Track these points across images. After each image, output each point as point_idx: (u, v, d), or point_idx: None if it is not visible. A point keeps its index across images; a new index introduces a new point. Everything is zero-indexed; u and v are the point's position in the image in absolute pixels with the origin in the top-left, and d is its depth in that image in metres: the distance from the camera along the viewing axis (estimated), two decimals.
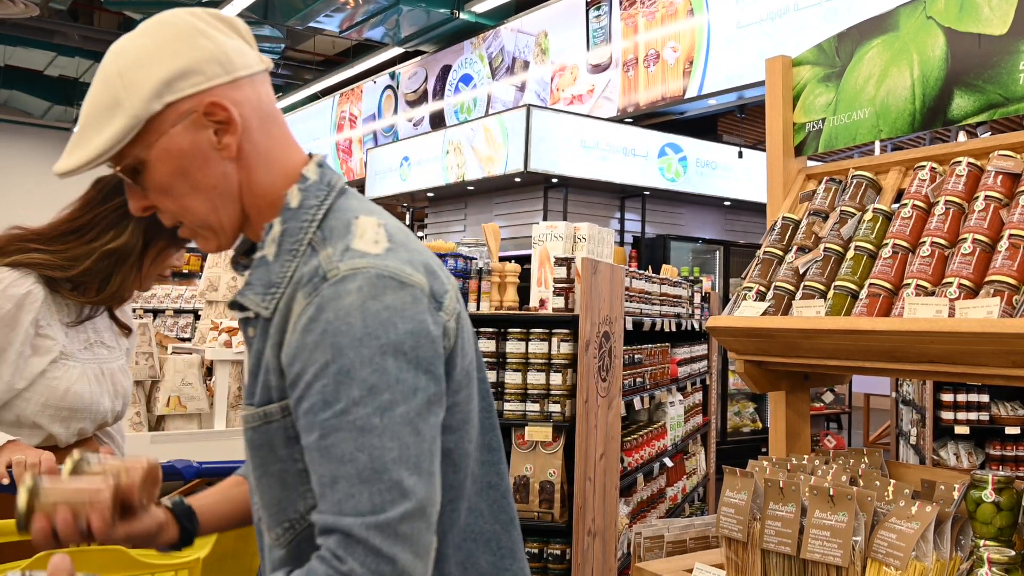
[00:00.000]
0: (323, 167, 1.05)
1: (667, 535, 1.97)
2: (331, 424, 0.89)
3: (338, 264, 0.94)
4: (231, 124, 0.98)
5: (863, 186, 1.81)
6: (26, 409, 1.80)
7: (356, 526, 0.87)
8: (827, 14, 5.78)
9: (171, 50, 0.97)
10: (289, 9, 8.60)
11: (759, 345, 1.76)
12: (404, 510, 0.88)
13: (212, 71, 0.98)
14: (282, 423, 0.97)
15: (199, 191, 1.00)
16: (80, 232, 1.81)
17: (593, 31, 7.82)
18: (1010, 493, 1.37)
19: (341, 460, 0.88)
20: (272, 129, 1.03)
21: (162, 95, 0.96)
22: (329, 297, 0.92)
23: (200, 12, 1.01)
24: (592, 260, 3.11)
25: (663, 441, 4.06)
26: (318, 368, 0.90)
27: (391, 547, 0.87)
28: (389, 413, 0.90)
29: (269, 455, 0.99)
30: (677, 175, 7.60)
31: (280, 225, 1.00)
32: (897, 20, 1.83)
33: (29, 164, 14.41)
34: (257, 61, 1.03)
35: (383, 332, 0.91)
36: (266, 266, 1.00)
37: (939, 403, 5.10)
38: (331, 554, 0.87)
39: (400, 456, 0.89)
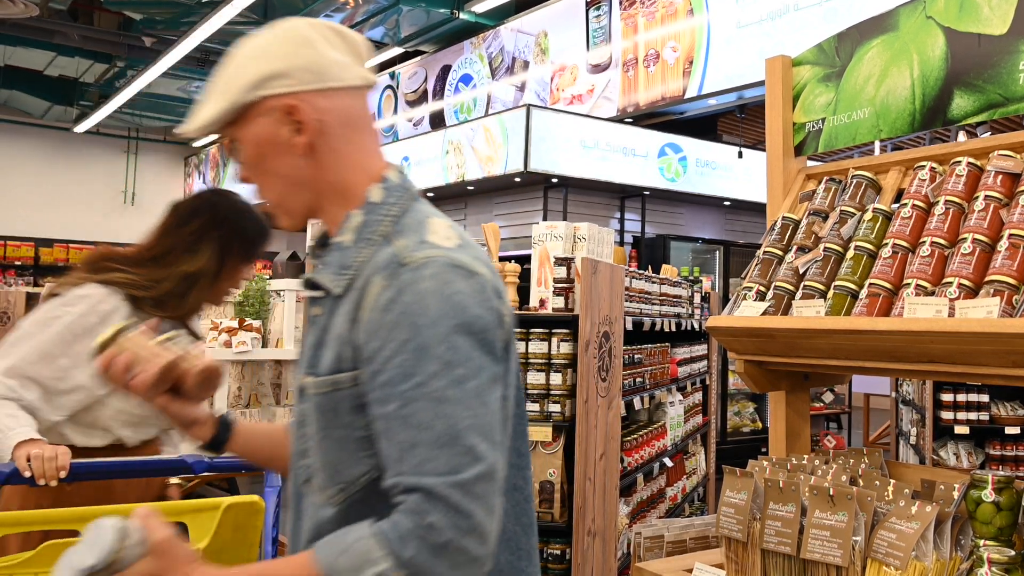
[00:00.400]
0: (403, 175, 1.18)
1: (667, 535, 1.97)
2: (410, 395, 0.99)
3: (414, 253, 1.05)
4: (305, 125, 1.11)
5: (863, 186, 1.81)
6: (103, 414, 1.95)
7: (437, 485, 0.96)
8: (827, 14, 5.78)
9: (276, 53, 1.12)
10: (289, 9, 8.59)
11: (759, 345, 1.76)
12: (478, 472, 0.98)
13: (304, 77, 1.11)
14: (350, 392, 1.07)
15: (273, 175, 1.15)
16: (160, 258, 1.98)
17: (593, 31, 7.82)
18: (1010, 493, 1.37)
19: (420, 427, 0.98)
20: (355, 137, 1.15)
21: (257, 89, 1.11)
22: (408, 281, 1.03)
23: (320, 24, 1.15)
24: (592, 260, 3.10)
25: (663, 441, 4.06)
26: (398, 344, 1.01)
27: (468, 504, 0.97)
28: (462, 386, 1.00)
29: (333, 420, 1.08)
30: (677, 175, 7.60)
31: (361, 216, 1.12)
32: (897, 20, 1.83)
33: (29, 164, 14.40)
34: (357, 77, 1.15)
35: (455, 314, 1.02)
36: (342, 250, 1.12)
37: (939, 403, 5.10)
38: (415, 509, 0.96)
39: (472, 424, 1.00)
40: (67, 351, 1.88)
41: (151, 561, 0.98)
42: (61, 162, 14.69)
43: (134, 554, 0.97)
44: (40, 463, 1.68)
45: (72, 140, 14.69)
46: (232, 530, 1.62)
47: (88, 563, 0.95)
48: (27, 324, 1.94)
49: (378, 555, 0.95)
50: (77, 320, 1.89)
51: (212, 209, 2.04)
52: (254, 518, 1.66)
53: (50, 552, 1.49)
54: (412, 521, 0.96)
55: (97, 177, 15.06)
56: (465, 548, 0.96)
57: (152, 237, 2.03)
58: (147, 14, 9.24)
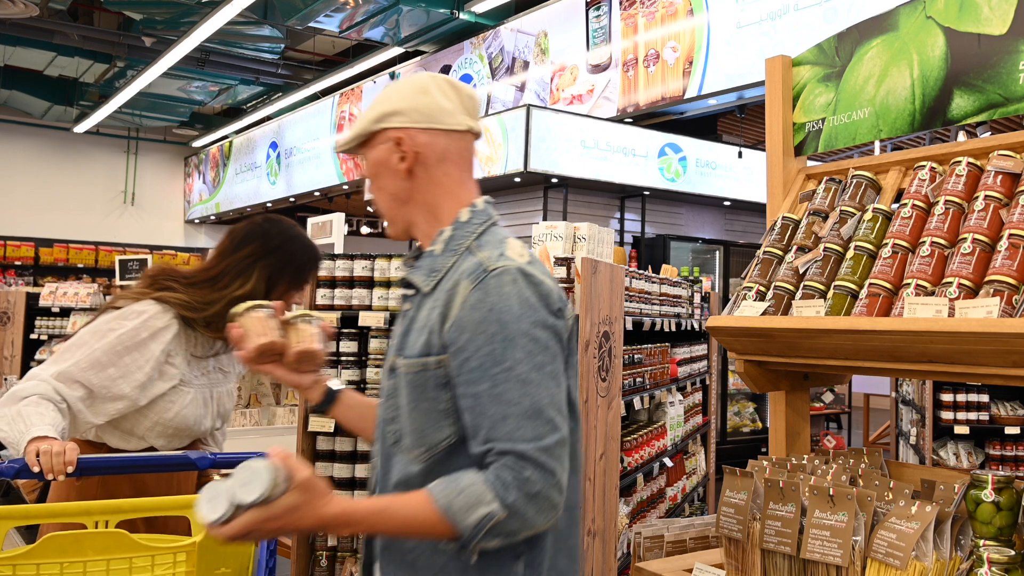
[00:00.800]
0: (488, 205, 1.44)
1: (667, 535, 1.97)
2: (500, 377, 1.23)
3: (496, 263, 1.29)
4: (408, 155, 1.39)
5: (863, 186, 1.81)
6: (140, 424, 2.05)
7: (529, 449, 1.21)
8: (827, 14, 5.78)
9: (399, 96, 1.41)
10: (289, 9, 8.59)
11: (759, 345, 1.76)
12: (557, 439, 1.24)
13: (414, 117, 1.39)
14: (435, 372, 1.30)
15: (384, 191, 1.44)
16: (214, 280, 2.09)
17: (593, 31, 7.82)
18: (1010, 493, 1.37)
19: (509, 403, 1.23)
20: (449, 169, 1.41)
21: (380, 121, 1.41)
22: (493, 285, 1.27)
23: (439, 78, 1.44)
24: (592, 260, 3.11)
25: (663, 441, 4.06)
26: (488, 336, 1.25)
27: (552, 463, 1.22)
28: (541, 370, 1.25)
29: (421, 395, 1.31)
30: (677, 175, 7.60)
31: (450, 231, 1.38)
32: (897, 20, 1.83)
33: (29, 164, 14.39)
34: (459, 124, 1.41)
35: (532, 313, 1.27)
36: (433, 257, 1.38)
37: (939, 403, 5.10)
38: (512, 467, 1.20)
39: (551, 401, 1.25)
40: (116, 362, 1.98)
41: (295, 495, 1.16)
42: (61, 162, 14.68)
43: (282, 490, 1.15)
44: (48, 458, 1.72)
45: (72, 140, 14.68)
46: None
47: (250, 499, 1.13)
48: (84, 333, 2.04)
49: (489, 498, 1.20)
50: (129, 334, 2.00)
51: (264, 236, 2.14)
52: None
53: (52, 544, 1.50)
54: (512, 475, 1.20)
55: (97, 177, 15.06)
56: (550, 496, 1.22)
57: (209, 259, 2.16)
58: (147, 14, 9.24)
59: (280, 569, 5.30)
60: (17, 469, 1.74)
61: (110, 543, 1.55)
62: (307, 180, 12.30)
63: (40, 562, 1.49)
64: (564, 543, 1.37)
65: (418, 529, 1.23)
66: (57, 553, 1.50)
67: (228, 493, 1.15)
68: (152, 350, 2.02)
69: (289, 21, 8.77)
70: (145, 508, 1.74)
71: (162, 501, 1.77)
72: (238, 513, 1.14)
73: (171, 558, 1.60)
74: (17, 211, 14.14)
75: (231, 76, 11.44)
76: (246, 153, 14.16)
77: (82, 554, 1.52)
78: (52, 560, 1.50)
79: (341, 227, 5.02)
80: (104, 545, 1.54)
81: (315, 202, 13.20)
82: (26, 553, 1.49)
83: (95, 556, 1.53)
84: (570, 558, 1.39)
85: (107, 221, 15.05)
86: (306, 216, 8.39)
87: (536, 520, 1.22)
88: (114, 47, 10.60)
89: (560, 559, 1.36)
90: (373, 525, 1.25)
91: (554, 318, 1.30)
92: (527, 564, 1.30)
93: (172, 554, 1.61)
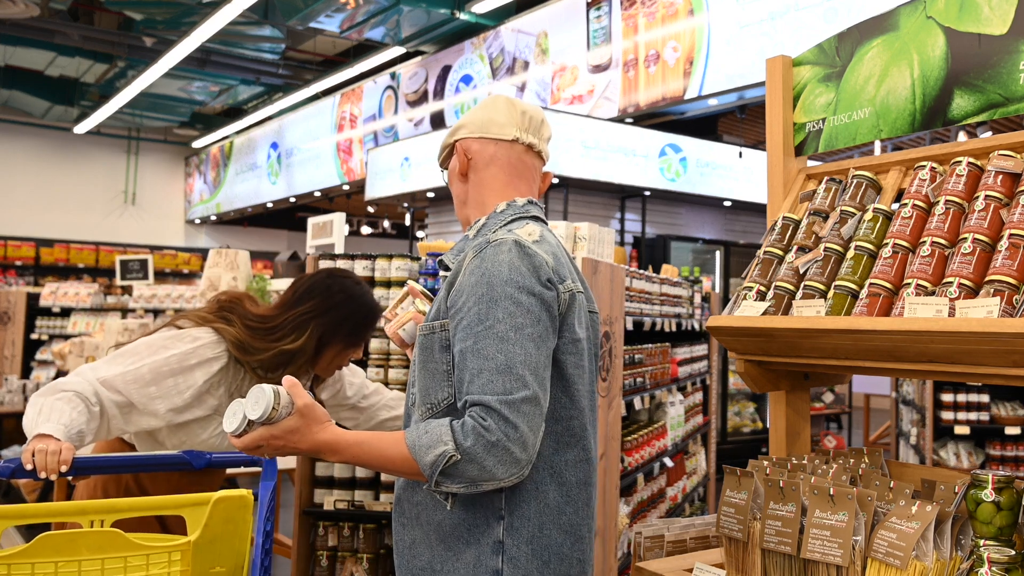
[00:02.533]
0: (532, 203, 1.58)
1: (667, 535, 1.97)
2: (482, 334, 1.34)
3: (498, 236, 1.42)
4: (464, 160, 1.59)
5: (863, 186, 1.81)
6: (166, 440, 2.10)
7: (494, 401, 1.30)
8: (827, 14, 5.78)
9: (468, 114, 1.62)
10: (290, 9, 8.59)
11: (759, 345, 1.76)
12: (524, 395, 1.32)
13: (471, 129, 1.60)
14: (440, 335, 1.43)
15: (454, 196, 1.64)
16: (270, 331, 2.11)
17: (593, 31, 7.82)
18: (1010, 493, 1.37)
19: (486, 358, 1.33)
20: (497, 173, 1.58)
21: (454, 135, 1.63)
22: (490, 254, 1.39)
23: (504, 97, 1.63)
24: (592, 260, 3.11)
25: (663, 441, 4.06)
26: (477, 297, 1.36)
27: (515, 417, 1.30)
28: (520, 331, 1.34)
29: (429, 356, 1.44)
30: (677, 175, 7.60)
31: (484, 220, 1.54)
32: (897, 20, 1.83)
33: (30, 164, 14.40)
34: (509, 134, 1.58)
35: (521, 278, 1.37)
36: (465, 240, 1.54)
37: (939, 403, 5.10)
38: (478, 417, 1.31)
39: (524, 360, 1.33)
40: (160, 382, 2.00)
41: (295, 419, 1.32)
42: (61, 162, 14.69)
43: (285, 412, 1.32)
44: (43, 457, 1.73)
45: (72, 140, 14.69)
46: (223, 523, 1.66)
47: (254, 415, 1.31)
48: (140, 343, 2.06)
49: (447, 439, 1.30)
50: (178, 357, 2.03)
51: (325, 293, 2.16)
52: (244, 511, 1.69)
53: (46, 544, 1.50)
54: (473, 423, 1.30)
55: (97, 177, 15.07)
56: (509, 449, 1.29)
57: (274, 307, 2.20)
58: (147, 14, 9.24)
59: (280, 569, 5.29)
60: (13, 468, 1.74)
61: (105, 542, 1.55)
62: (308, 180, 12.30)
63: (35, 561, 1.49)
64: (556, 517, 1.42)
65: (391, 463, 1.35)
66: (52, 552, 1.50)
67: (242, 410, 1.32)
68: (196, 378, 2.04)
69: (290, 21, 8.77)
70: (141, 507, 1.73)
71: (158, 500, 1.77)
72: (250, 428, 1.32)
73: (166, 557, 1.60)
74: (18, 211, 14.15)
75: (232, 76, 11.44)
76: (247, 153, 14.16)
77: (77, 553, 1.52)
78: (47, 559, 1.50)
79: (341, 227, 5.02)
80: (99, 544, 1.54)
81: (315, 202, 13.22)
82: (21, 552, 1.49)
83: (90, 555, 1.53)
84: (566, 534, 1.43)
85: (108, 221, 15.06)
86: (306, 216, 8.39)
87: (496, 471, 1.30)
88: (115, 47, 10.61)
89: (551, 531, 1.41)
90: (355, 455, 1.37)
91: (541, 287, 1.39)
92: (507, 528, 1.38)
93: (167, 553, 1.60)
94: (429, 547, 1.42)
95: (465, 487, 1.31)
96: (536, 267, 1.39)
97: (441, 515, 1.40)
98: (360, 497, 3.18)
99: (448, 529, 1.40)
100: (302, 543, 3.24)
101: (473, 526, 1.38)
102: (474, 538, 1.38)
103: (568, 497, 1.44)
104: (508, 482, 1.33)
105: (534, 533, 1.40)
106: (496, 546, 1.38)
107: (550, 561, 1.41)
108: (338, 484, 3.20)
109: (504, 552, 1.38)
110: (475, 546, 1.38)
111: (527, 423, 1.31)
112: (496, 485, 1.32)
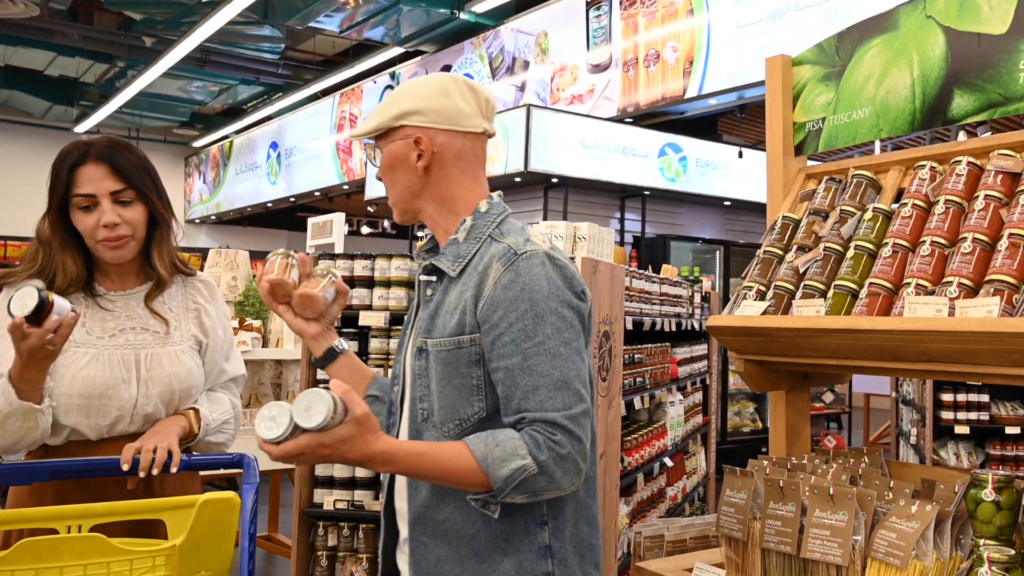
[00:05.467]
0: (502, 197, 1.56)
1: (667, 534, 1.97)
2: (531, 350, 1.33)
3: (525, 247, 1.40)
4: (426, 154, 1.46)
5: (863, 185, 1.81)
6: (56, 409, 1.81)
7: (559, 417, 1.31)
8: (827, 14, 5.78)
9: (421, 95, 1.47)
10: (289, 9, 8.58)
11: (759, 344, 1.76)
12: (582, 409, 1.34)
13: (434, 118, 1.46)
14: (468, 349, 1.39)
15: (396, 183, 1.51)
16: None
17: (593, 31, 7.82)
18: (1010, 492, 1.37)
19: (540, 375, 1.33)
20: (464, 168, 1.50)
21: (400, 118, 1.47)
22: (524, 267, 1.37)
23: (459, 79, 1.50)
24: (592, 260, 3.10)
25: (663, 441, 4.06)
26: (520, 312, 1.34)
27: (578, 431, 1.32)
28: (568, 345, 1.36)
29: (453, 372, 1.40)
30: (677, 175, 7.60)
31: (471, 221, 1.48)
32: (897, 19, 1.83)
33: (29, 164, 14.39)
34: (476, 127, 1.49)
35: (560, 292, 1.37)
36: (456, 245, 1.47)
37: (939, 403, 5.10)
38: (546, 432, 1.31)
39: (576, 374, 1.35)
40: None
41: (350, 427, 1.24)
42: None
43: (339, 420, 1.24)
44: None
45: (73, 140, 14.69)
46: (208, 526, 1.63)
47: (310, 424, 1.21)
48: None
49: (523, 452, 1.30)
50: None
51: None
52: (230, 514, 1.67)
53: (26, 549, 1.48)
54: (543, 437, 1.30)
55: None
56: (576, 461, 1.32)
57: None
58: (147, 14, 9.24)
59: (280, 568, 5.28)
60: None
61: (87, 548, 1.50)
62: (307, 180, 12.30)
63: (15, 568, 1.45)
64: (585, 512, 1.46)
65: (453, 475, 1.31)
66: (32, 558, 1.46)
67: (289, 415, 1.23)
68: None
69: (289, 21, 8.77)
70: (120, 512, 1.70)
71: (137, 504, 1.73)
72: (295, 435, 1.23)
73: (150, 562, 1.56)
74: (18, 211, 14.12)
75: (231, 76, 11.44)
76: (246, 153, 14.16)
77: (58, 559, 1.48)
78: (27, 566, 1.45)
79: (341, 227, 5.02)
80: (80, 550, 1.50)
81: (315, 202, 13.21)
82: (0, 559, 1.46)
83: (72, 561, 1.49)
84: (591, 525, 1.47)
85: None
86: (306, 216, 8.39)
87: (562, 482, 1.32)
88: (114, 47, 10.60)
89: (581, 526, 1.45)
90: (412, 466, 1.32)
91: (577, 299, 1.41)
92: (552, 531, 1.40)
93: (151, 558, 1.56)
94: (458, 562, 1.40)
95: (527, 498, 1.33)
96: (569, 279, 1.40)
97: (474, 528, 1.39)
98: (360, 497, 3.18)
99: (483, 541, 1.39)
100: (302, 543, 3.24)
101: (512, 535, 1.39)
102: (512, 547, 1.38)
103: (590, 491, 1.47)
104: (568, 491, 1.35)
105: (572, 531, 1.43)
106: (543, 551, 1.39)
107: (585, 554, 1.45)
108: (338, 484, 3.20)
109: (553, 555, 1.40)
110: (514, 555, 1.38)
111: (585, 434, 1.34)
112: (556, 495, 1.35)
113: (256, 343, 4.50)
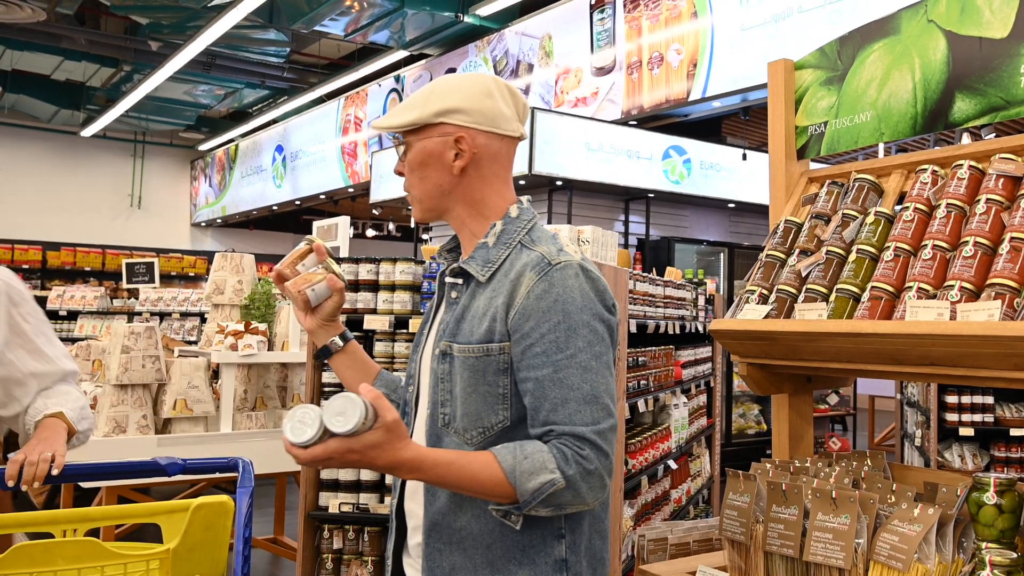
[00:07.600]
0: (530, 202, 1.54)
1: (671, 537, 1.98)
2: (562, 363, 1.32)
3: (559, 257, 1.38)
4: (465, 155, 1.44)
5: (865, 189, 1.81)
6: None
7: (588, 432, 1.30)
8: (831, 17, 5.78)
9: (464, 94, 1.44)
10: (294, 13, 8.61)
11: (762, 348, 1.77)
12: (611, 424, 1.32)
13: (476, 119, 1.44)
14: (497, 358, 1.37)
15: (426, 180, 1.47)
16: None
17: (597, 34, 7.83)
18: (1012, 495, 1.38)
19: (570, 388, 1.31)
20: (499, 171, 1.49)
21: (441, 115, 1.43)
22: (558, 278, 1.35)
23: (500, 82, 1.49)
24: (596, 263, 3.11)
25: (667, 443, 4.06)
26: (552, 324, 1.33)
27: (605, 446, 1.31)
28: (599, 359, 1.34)
29: (479, 379, 1.38)
30: (681, 177, 7.60)
31: (501, 225, 1.46)
32: (899, 23, 1.84)
33: (36, 168, 14.45)
34: (513, 131, 1.48)
35: (593, 305, 1.36)
36: (486, 249, 1.44)
37: (944, 405, 5.09)
38: (574, 446, 1.29)
39: (606, 389, 1.34)
40: None
41: (380, 433, 1.22)
42: (68, 166, 14.74)
43: (370, 426, 1.21)
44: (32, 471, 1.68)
45: (79, 144, 14.74)
46: (202, 530, 1.64)
47: (341, 428, 1.19)
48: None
49: (552, 466, 1.28)
50: None
51: None
52: (224, 518, 1.67)
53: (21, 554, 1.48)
54: (572, 452, 1.29)
55: (104, 181, 15.11)
56: (602, 476, 1.31)
57: None
58: (153, 18, 9.28)
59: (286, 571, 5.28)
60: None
61: (81, 552, 1.51)
62: (312, 183, 12.33)
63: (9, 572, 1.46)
64: (599, 526, 1.46)
65: (481, 485, 1.29)
66: (27, 563, 1.47)
67: (319, 419, 1.20)
68: None
69: (294, 25, 8.79)
70: (115, 516, 1.70)
71: (132, 509, 1.74)
72: (324, 439, 1.20)
73: (144, 566, 1.57)
74: (25, 215, 14.20)
75: (237, 80, 11.47)
76: (252, 156, 14.20)
77: (52, 563, 1.49)
78: (22, 570, 1.46)
79: (346, 230, 5.03)
80: (75, 554, 1.51)
81: (320, 205, 13.23)
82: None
83: (66, 565, 1.49)
84: (603, 539, 1.47)
85: (114, 224, 15.10)
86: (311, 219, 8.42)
87: (588, 497, 1.31)
88: (121, 51, 10.65)
89: (595, 540, 1.45)
90: (440, 475, 1.29)
91: (608, 313, 1.40)
92: (568, 545, 1.39)
93: (145, 561, 1.57)
94: (473, 571, 1.39)
95: (551, 511, 1.32)
96: (602, 292, 1.39)
97: (491, 538, 1.38)
98: (365, 500, 3.19)
99: (499, 552, 1.38)
100: (307, 546, 3.25)
101: (528, 547, 1.38)
102: (528, 559, 1.37)
103: (604, 505, 1.45)
104: (593, 506, 1.34)
105: (587, 545, 1.42)
106: (558, 564, 1.38)
107: (597, 567, 1.44)
108: (343, 487, 3.21)
109: (568, 569, 1.39)
110: (529, 566, 1.37)
111: (612, 449, 1.33)
112: (580, 509, 1.34)
113: (262, 346, 4.52)
